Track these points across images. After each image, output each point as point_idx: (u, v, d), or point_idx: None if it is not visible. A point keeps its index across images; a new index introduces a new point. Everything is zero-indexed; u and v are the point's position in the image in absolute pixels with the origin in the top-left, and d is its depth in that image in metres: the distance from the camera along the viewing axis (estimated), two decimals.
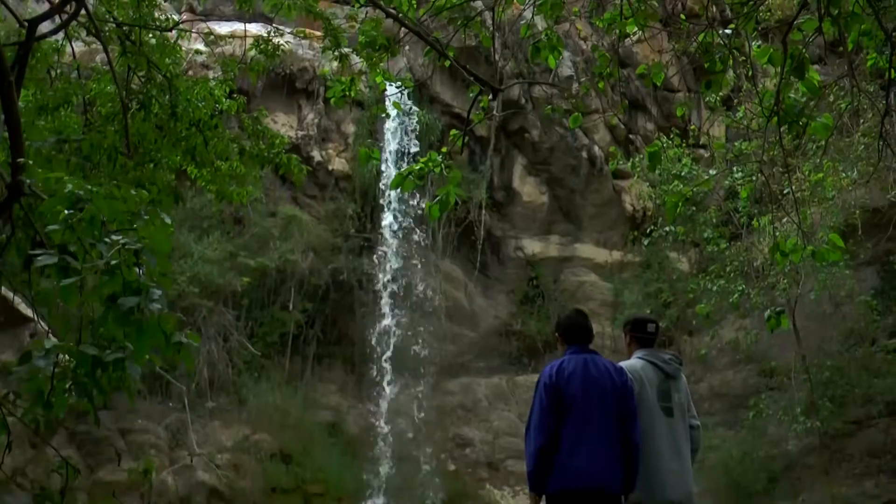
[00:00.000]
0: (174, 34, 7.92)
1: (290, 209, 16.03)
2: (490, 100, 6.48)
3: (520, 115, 16.89)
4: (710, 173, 13.42)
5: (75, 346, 2.81)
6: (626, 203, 17.47)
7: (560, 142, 17.01)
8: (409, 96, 16.04)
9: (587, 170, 17.17)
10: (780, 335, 13.27)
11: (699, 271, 15.20)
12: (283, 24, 9.93)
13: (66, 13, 5.98)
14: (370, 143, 15.84)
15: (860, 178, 12.08)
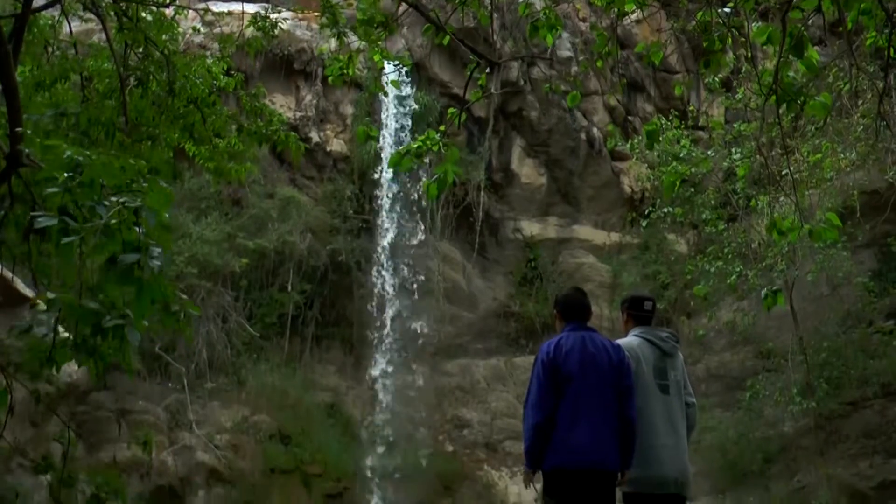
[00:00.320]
0: (171, 11, 7.87)
1: (288, 190, 16.00)
2: (487, 73, 6.46)
3: (518, 97, 16.84)
4: (709, 154, 13.43)
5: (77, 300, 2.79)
6: (624, 185, 17.45)
7: (559, 123, 16.97)
8: (408, 75, 15.96)
9: (586, 151, 17.15)
10: (777, 317, 13.34)
11: (697, 253, 15.18)
12: (281, 4, 9.88)
13: None
14: (367, 121, 15.79)
15: (858, 159, 12.07)
